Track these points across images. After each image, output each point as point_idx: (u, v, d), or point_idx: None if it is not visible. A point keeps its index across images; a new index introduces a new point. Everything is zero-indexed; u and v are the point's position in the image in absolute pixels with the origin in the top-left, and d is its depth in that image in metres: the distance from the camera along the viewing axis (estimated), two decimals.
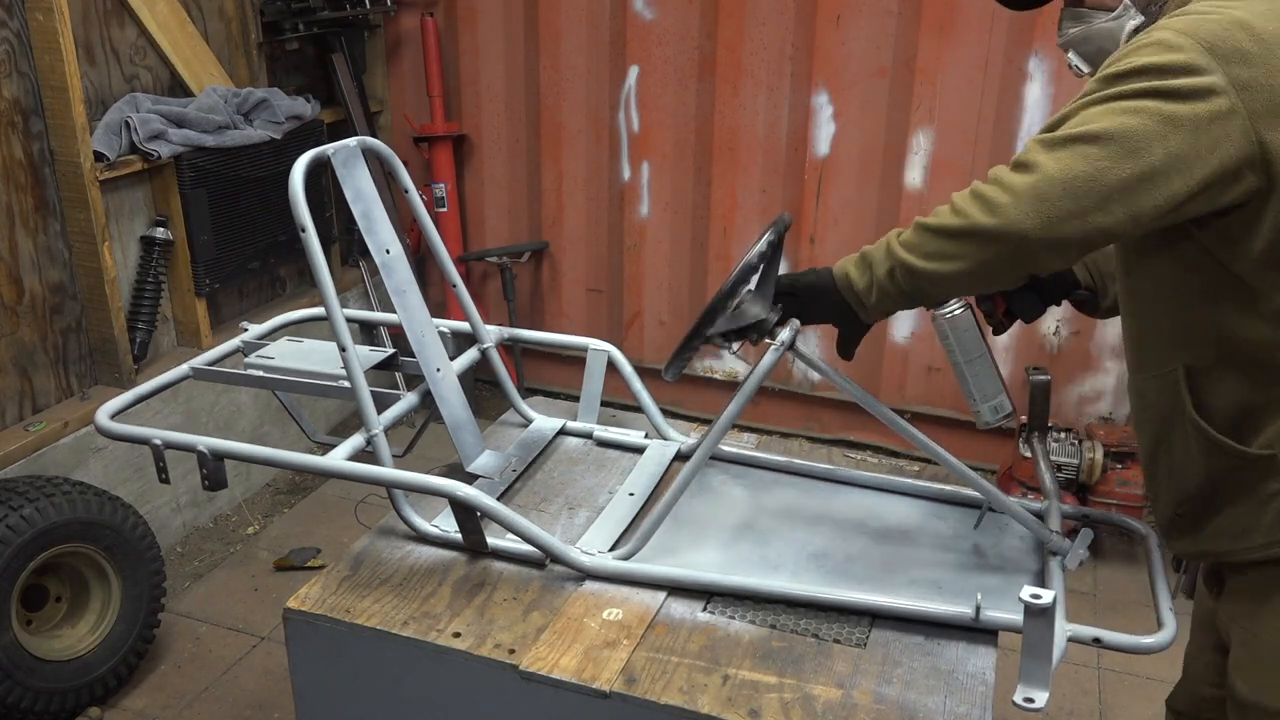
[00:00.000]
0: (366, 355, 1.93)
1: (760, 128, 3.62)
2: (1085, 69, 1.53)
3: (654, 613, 1.60)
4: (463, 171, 4.17)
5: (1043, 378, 1.92)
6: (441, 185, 4.07)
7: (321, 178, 3.77)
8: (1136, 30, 1.45)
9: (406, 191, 1.98)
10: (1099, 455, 3.25)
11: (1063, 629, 1.49)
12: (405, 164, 2.02)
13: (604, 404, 2.16)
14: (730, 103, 3.63)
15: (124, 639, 2.70)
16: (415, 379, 1.93)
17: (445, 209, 4.09)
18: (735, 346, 1.67)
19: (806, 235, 3.67)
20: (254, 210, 3.46)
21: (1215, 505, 1.49)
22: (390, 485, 1.71)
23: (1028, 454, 1.98)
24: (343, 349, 1.71)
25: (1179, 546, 1.63)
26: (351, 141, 1.85)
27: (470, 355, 2.08)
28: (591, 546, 1.72)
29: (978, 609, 1.51)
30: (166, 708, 2.71)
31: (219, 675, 2.83)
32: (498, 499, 1.71)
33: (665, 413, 2.10)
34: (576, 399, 2.17)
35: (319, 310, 1.98)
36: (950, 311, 1.66)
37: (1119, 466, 3.29)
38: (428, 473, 1.69)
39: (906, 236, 1.48)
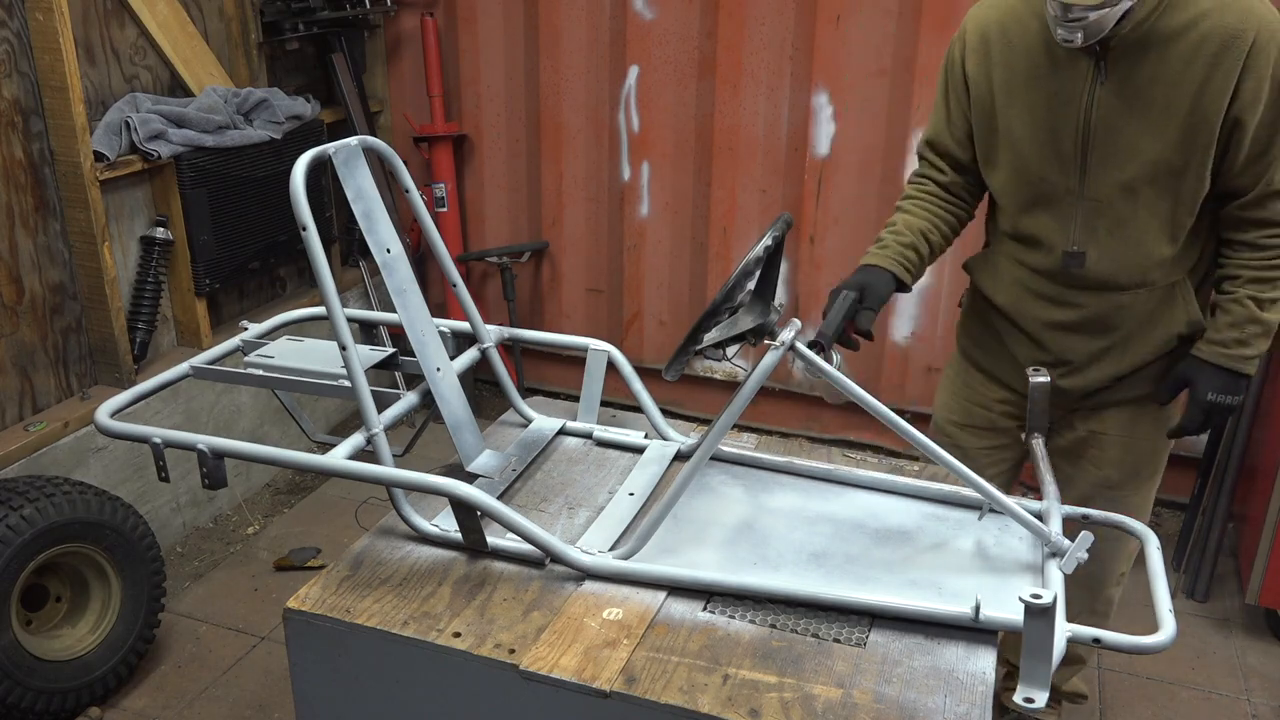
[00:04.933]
0: (367, 354, 1.93)
1: (760, 128, 3.62)
2: (1077, 41, 1.77)
3: (654, 612, 1.60)
4: (463, 171, 4.17)
5: (1042, 379, 1.92)
6: (441, 185, 4.07)
7: (322, 178, 3.77)
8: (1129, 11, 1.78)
9: (407, 191, 1.98)
10: None
11: (1062, 629, 1.49)
12: (405, 164, 2.02)
13: (604, 404, 2.16)
14: (730, 103, 3.63)
15: (124, 639, 2.70)
16: (415, 379, 1.93)
17: (445, 209, 4.09)
18: (732, 353, 1.67)
19: (806, 235, 3.67)
20: (254, 210, 3.46)
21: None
22: (390, 484, 1.71)
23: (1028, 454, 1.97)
24: (343, 348, 1.71)
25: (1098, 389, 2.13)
26: (353, 141, 1.85)
27: (470, 355, 2.08)
28: (591, 546, 1.72)
29: (977, 609, 1.51)
30: (166, 708, 2.72)
31: (219, 675, 2.83)
32: (498, 498, 1.71)
33: (665, 413, 2.10)
34: (576, 399, 2.17)
35: (319, 309, 1.98)
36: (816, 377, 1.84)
37: None
38: (428, 472, 1.69)
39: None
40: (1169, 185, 1.90)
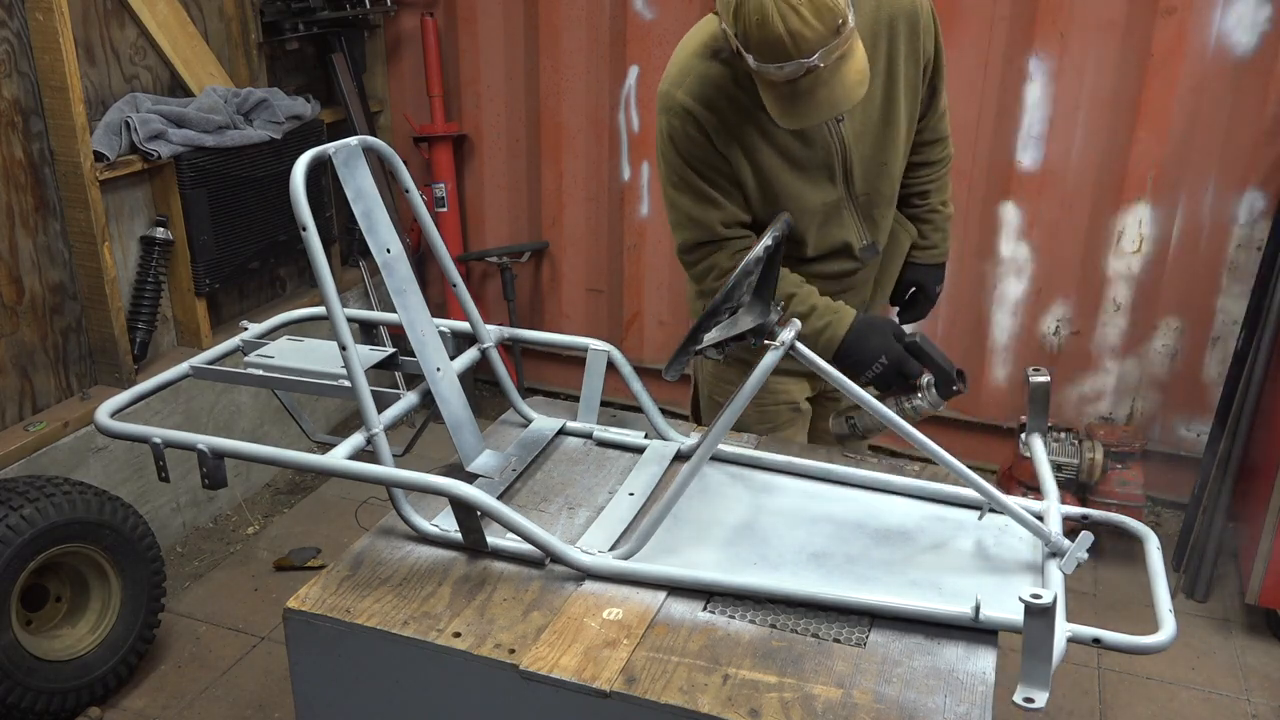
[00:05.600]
0: (367, 354, 1.93)
1: None
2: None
3: (654, 612, 1.60)
4: (463, 171, 4.17)
5: (1043, 379, 1.92)
6: (441, 185, 4.07)
7: (322, 178, 3.77)
8: None
9: (407, 191, 1.98)
10: (1099, 455, 3.25)
11: (1062, 629, 1.49)
12: (405, 164, 2.02)
13: (604, 404, 2.16)
14: None
15: (124, 639, 2.70)
16: (415, 379, 1.93)
17: (445, 209, 4.09)
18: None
19: None
20: (254, 210, 3.46)
21: None
22: (390, 484, 1.71)
23: (1028, 454, 1.97)
24: (343, 348, 1.71)
25: None
26: (353, 140, 1.85)
27: (470, 355, 2.08)
28: (591, 546, 1.72)
29: (977, 609, 1.51)
30: (166, 708, 2.72)
31: (219, 675, 2.83)
32: (498, 498, 1.71)
33: (665, 413, 2.10)
34: (576, 399, 2.17)
35: (319, 309, 1.98)
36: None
37: (1119, 466, 3.29)
38: (428, 472, 1.69)
39: None
40: (906, 148, 2.14)
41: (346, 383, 1.76)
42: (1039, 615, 1.36)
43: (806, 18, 1.65)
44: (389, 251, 1.88)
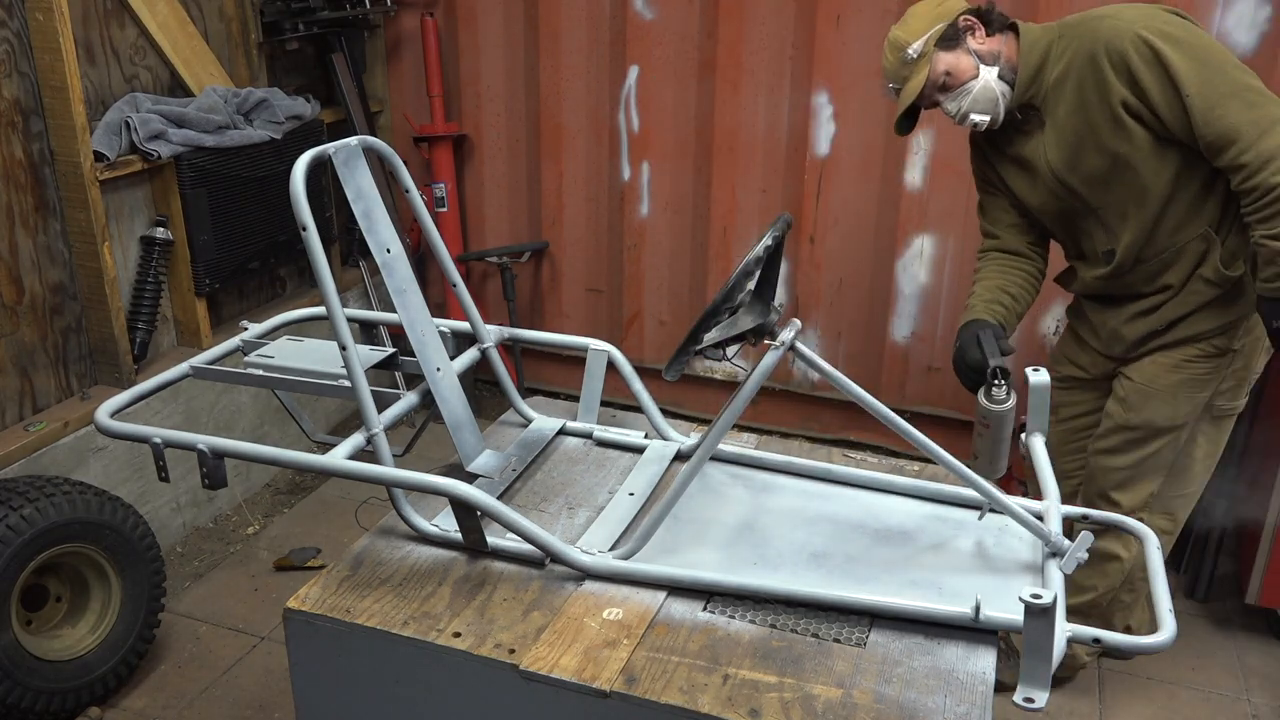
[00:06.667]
0: (367, 354, 1.94)
1: (760, 128, 3.62)
2: (984, 120, 2.31)
3: (654, 612, 1.60)
4: (463, 171, 4.17)
5: (1042, 379, 1.92)
6: (441, 185, 4.07)
7: (322, 178, 3.77)
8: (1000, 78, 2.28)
9: (407, 191, 1.99)
10: None
11: (1062, 629, 1.49)
12: (405, 164, 2.02)
13: (604, 404, 2.17)
14: (730, 103, 3.62)
15: (124, 639, 2.70)
16: (415, 378, 1.93)
17: (445, 209, 4.09)
18: (732, 353, 1.68)
19: (806, 235, 3.67)
20: (254, 210, 3.46)
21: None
22: (390, 484, 1.71)
23: (1028, 454, 1.97)
24: (343, 348, 1.71)
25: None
26: (353, 140, 1.85)
27: (470, 355, 2.08)
28: (591, 546, 1.72)
29: (977, 609, 1.51)
30: (166, 708, 2.72)
31: (219, 675, 2.83)
32: (498, 498, 1.71)
33: (665, 413, 2.10)
34: (576, 399, 2.17)
35: (319, 309, 1.98)
36: (1003, 407, 1.96)
37: None
38: (428, 472, 1.69)
39: None
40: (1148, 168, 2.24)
41: (346, 383, 1.76)
42: (1039, 615, 1.36)
43: (885, 52, 2.35)
44: (389, 251, 1.89)
